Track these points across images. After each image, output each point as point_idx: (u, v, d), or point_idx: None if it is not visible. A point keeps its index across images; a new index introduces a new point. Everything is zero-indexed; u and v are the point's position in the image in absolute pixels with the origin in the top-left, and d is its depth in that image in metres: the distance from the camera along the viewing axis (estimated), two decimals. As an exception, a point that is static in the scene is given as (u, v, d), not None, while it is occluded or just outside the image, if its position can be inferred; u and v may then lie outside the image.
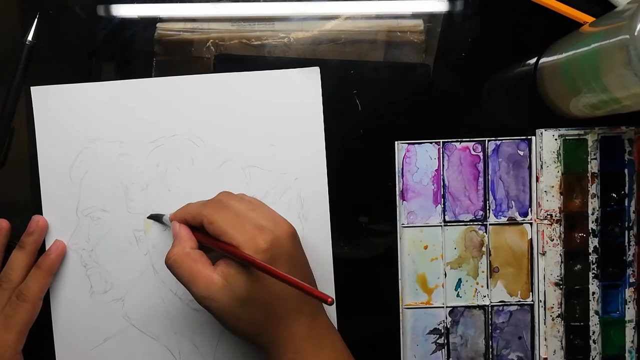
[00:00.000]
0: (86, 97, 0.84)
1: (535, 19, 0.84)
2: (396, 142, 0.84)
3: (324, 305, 0.79)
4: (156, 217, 0.84)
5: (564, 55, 0.76)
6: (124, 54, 0.85)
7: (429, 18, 0.85)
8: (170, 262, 0.73)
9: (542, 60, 0.82)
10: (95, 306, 0.85)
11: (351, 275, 0.85)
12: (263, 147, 0.84)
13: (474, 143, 0.84)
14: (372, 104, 0.85)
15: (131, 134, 0.84)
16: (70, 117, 0.84)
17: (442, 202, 0.85)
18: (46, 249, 0.84)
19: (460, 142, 0.84)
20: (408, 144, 0.84)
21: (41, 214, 0.84)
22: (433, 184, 0.85)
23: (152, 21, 0.85)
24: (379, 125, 0.85)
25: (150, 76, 0.85)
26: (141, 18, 0.85)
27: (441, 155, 0.84)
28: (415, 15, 0.85)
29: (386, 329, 0.85)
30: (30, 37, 0.84)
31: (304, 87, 0.84)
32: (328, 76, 0.84)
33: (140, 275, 0.85)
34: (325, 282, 0.84)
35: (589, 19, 0.82)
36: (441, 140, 0.84)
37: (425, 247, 0.85)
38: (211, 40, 0.84)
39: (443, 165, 0.85)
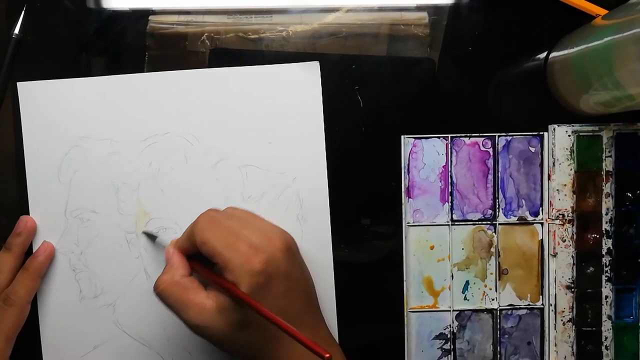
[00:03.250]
0: (75, 93, 0.83)
1: (545, 11, 0.84)
2: (402, 137, 0.84)
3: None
4: (150, 236, 0.84)
5: (575, 49, 0.76)
6: (115, 48, 0.85)
7: (434, 10, 0.85)
8: (158, 290, 0.73)
9: (553, 54, 0.82)
10: (85, 312, 0.84)
11: (353, 280, 0.85)
12: (260, 145, 0.84)
13: (483, 138, 0.84)
14: (375, 100, 0.84)
15: (122, 132, 0.83)
16: (59, 114, 0.83)
17: (450, 200, 0.84)
18: (34, 251, 0.83)
19: (470, 137, 0.84)
20: (414, 138, 0.84)
21: (28, 215, 0.83)
22: (440, 181, 0.84)
23: (144, 13, 0.84)
24: (381, 123, 0.84)
25: (143, 71, 0.84)
26: (133, 10, 0.84)
27: (449, 150, 0.84)
28: (419, 8, 0.85)
29: (390, 334, 0.85)
30: (17, 31, 0.83)
31: (303, 82, 0.83)
32: (328, 71, 0.84)
33: (131, 280, 0.84)
34: (326, 286, 0.84)
35: (602, 11, 0.82)
36: (449, 135, 0.84)
37: (432, 247, 0.85)
38: (206, 34, 0.84)
39: (451, 161, 0.84)
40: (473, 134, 0.84)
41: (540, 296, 0.85)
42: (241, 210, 0.81)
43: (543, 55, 0.83)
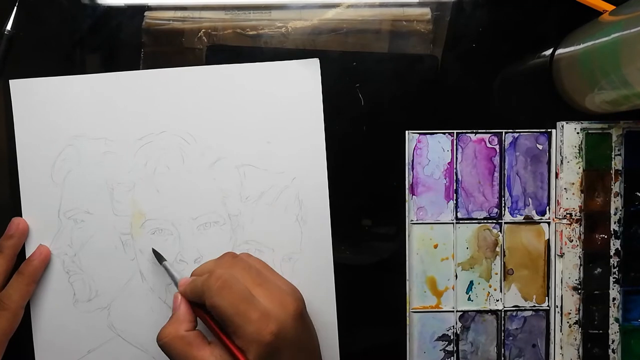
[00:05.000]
0: (69, 91, 0.83)
1: (551, 7, 0.84)
2: (407, 132, 0.84)
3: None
4: (158, 257, 0.82)
5: (582, 46, 0.76)
6: (110, 45, 0.84)
7: (437, 6, 0.84)
8: (161, 343, 0.73)
9: (559, 51, 0.82)
10: (79, 315, 0.84)
11: (353, 282, 0.84)
12: (259, 144, 0.83)
13: (490, 135, 0.84)
14: (376, 98, 0.84)
15: (117, 131, 0.83)
16: (52, 113, 0.83)
17: (455, 198, 0.84)
18: (26, 254, 0.82)
19: (476, 133, 0.84)
20: (419, 134, 0.84)
21: (20, 216, 0.82)
22: (445, 178, 0.84)
23: (140, 9, 0.84)
24: (382, 121, 0.84)
25: (138, 68, 0.83)
26: (128, 6, 0.84)
27: (455, 147, 0.84)
28: (422, 3, 0.84)
29: (391, 336, 0.85)
30: (9, 27, 0.83)
31: (303, 80, 0.83)
32: (328, 68, 0.83)
33: (126, 282, 0.84)
34: (326, 289, 0.83)
35: (609, 7, 0.81)
36: (455, 131, 0.84)
37: (435, 246, 0.84)
38: (203, 30, 0.83)
39: (456, 158, 0.84)
40: (479, 130, 0.84)
41: (546, 297, 0.84)
42: (257, 261, 0.80)
43: (549, 52, 0.83)
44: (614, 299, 0.83)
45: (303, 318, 0.75)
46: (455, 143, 0.84)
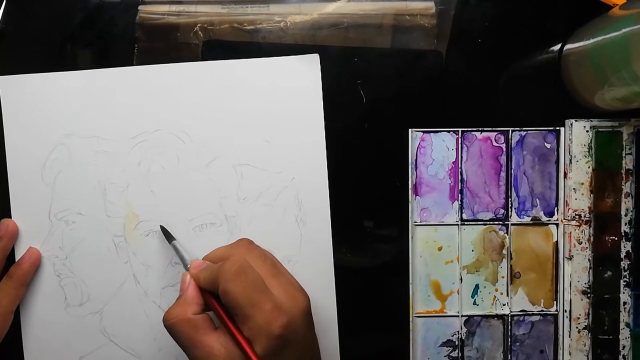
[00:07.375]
0: (60, 87, 0.82)
1: (559, 0, 0.83)
2: (410, 130, 0.83)
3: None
4: (167, 235, 0.82)
5: (592, 41, 0.75)
6: (103, 40, 0.84)
7: (441, 0, 0.83)
8: (168, 324, 0.73)
9: (567, 46, 0.81)
10: (70, 320, 0.83)
11: (355, 285, 0.84)
12: (257, 143, 0.83)
13: (496, 133, 0.83)
14: (378, 95, 0.83)
15: (110, 129, 0.82)
16: (43, 110, 0.82)
17: (460, 199, 0.84)
18: (15, 257, 0.82)
19: (481, 131, 0.83)
20: (423, 132, 0.83)
21: (10, 217, 0.82)
22: (450, 178, 0.84)
23: (134, 3, 0.83)
24: (385, 119, 0.83)
25: (132, 64, 0.83)
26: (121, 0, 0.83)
27: (460, 145, 0.83)
28: (425, -3, 0.84)
29: (394, 341, 0.84)
30: (-2, 21, 0.82)
31: (302, 76, 0.82)
32: (329, 64, 0.82)
33: (120, 286, 0.83)
34: (326, 293, 0.83)
35: (620, 1, 0.81)
36: (460, 129, 0.83)
37: (440, 249, 0.84)
38: (199, 25, 0.83)
39: (461, 157, 0.84)
40: (485, 129, 0.83)
41: (555, 301, 0.84)
42: (270, 253, 0.80)
43: (557, 47, 0.83)
44: (624, 303, 0.82)
45: (310, 316, 0.75)
46: (460, 141, 0.83)
